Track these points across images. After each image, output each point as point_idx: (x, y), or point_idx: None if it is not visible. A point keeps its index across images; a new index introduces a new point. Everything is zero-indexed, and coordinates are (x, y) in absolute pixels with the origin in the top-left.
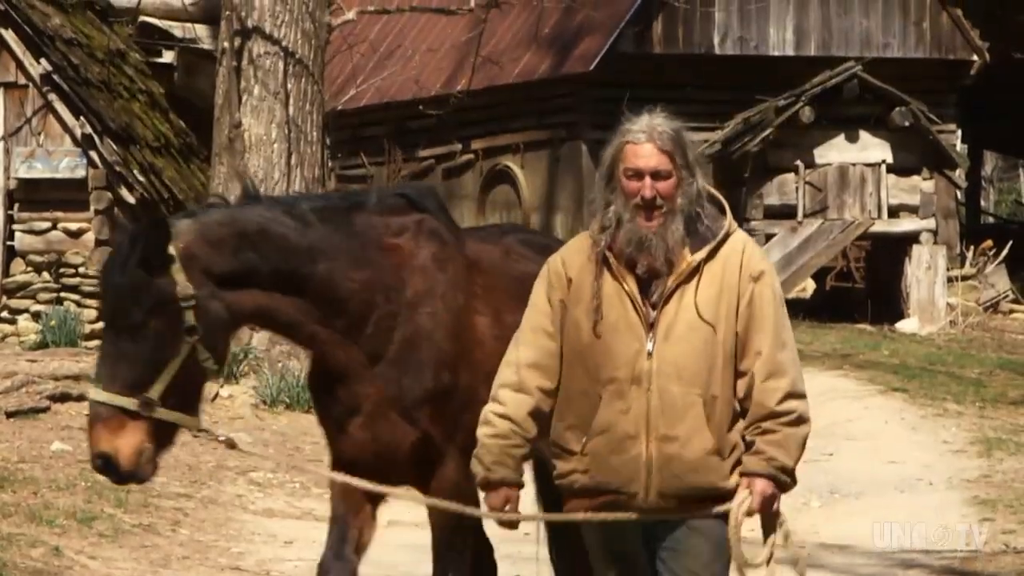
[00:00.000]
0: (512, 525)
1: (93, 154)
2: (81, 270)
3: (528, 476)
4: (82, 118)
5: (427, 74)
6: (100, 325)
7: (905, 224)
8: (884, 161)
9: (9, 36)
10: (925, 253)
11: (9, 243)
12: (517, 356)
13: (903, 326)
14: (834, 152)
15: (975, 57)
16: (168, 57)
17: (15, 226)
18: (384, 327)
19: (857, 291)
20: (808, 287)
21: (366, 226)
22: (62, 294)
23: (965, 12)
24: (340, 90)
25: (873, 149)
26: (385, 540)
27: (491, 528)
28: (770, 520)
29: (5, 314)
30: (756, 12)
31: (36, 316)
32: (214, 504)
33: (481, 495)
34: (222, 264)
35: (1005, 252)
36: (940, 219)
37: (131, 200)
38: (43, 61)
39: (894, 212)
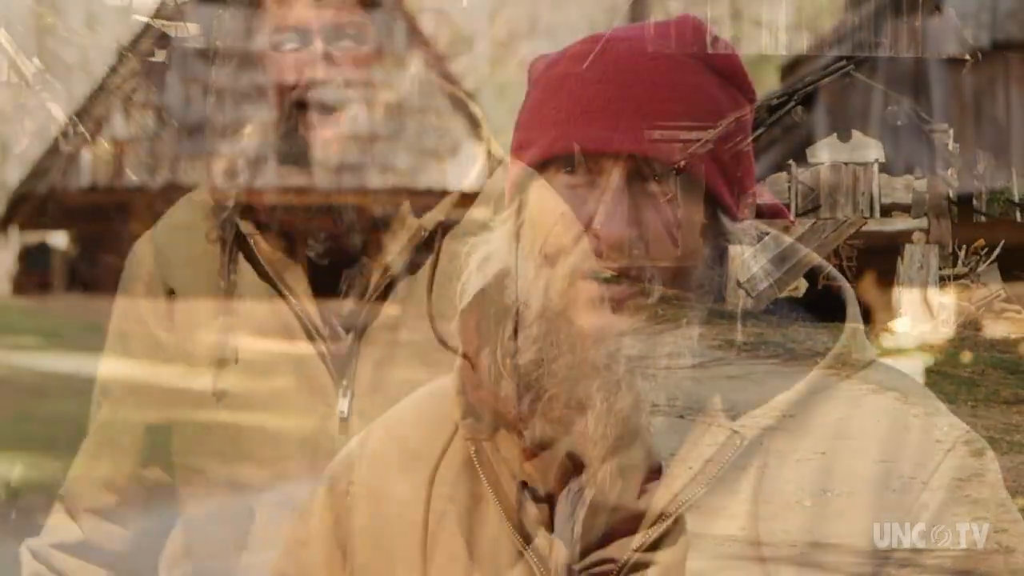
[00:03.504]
0: None
1: None
2: None
3: None
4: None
5: None
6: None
7: (897, 223)
8: (876, 160)
9: (1, 35)
10: (917, 252)
11: None
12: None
13: (895, 325)
14: (826, 151)
15: (968, 56)
16: (161, 57)
17: None
18: None
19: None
20: (800, 286)
21: None
22: None
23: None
24: None
25: (865, 148)
26: None
27: None
28: None
29: None
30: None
31: None
32: None
33: None
34: None
35: (997, 251)
36: (932, 218)
37: None
38: (35, 59)
39: (886, 211)
